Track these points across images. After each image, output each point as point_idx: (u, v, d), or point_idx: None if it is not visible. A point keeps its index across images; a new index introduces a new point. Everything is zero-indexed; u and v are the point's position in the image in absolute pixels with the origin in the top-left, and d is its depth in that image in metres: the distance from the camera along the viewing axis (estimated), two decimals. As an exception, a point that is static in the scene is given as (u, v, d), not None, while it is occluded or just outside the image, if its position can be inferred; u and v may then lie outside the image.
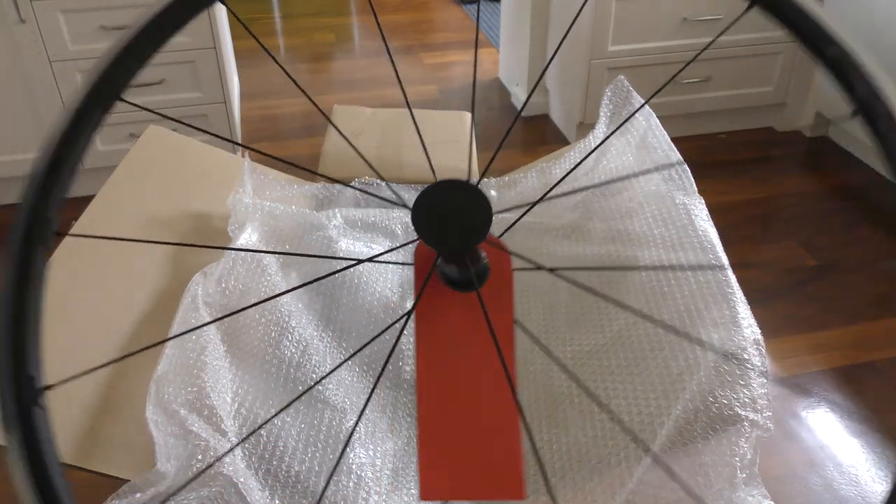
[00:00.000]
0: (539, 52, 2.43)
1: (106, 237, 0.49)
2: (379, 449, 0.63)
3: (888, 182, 2.11)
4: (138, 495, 0.54)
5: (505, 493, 0.40)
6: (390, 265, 0.84)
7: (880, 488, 1.27)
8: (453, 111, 1.15)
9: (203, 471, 0.53)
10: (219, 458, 0.55)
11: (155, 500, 0.54)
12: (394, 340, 0.74)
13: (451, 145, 1.07)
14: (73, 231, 0.81)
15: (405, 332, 0.75)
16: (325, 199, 0.96)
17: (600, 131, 0.92)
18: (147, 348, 0.42)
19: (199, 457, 0.55)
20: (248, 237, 0.79)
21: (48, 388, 0.35)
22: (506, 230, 0.50)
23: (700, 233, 0.72)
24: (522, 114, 2.49)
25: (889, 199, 2.06)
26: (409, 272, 0.84)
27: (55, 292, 0.73)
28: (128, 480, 0.56)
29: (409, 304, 0.78)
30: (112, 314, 0.73)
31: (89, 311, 0.73)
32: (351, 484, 0.58)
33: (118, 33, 1.86)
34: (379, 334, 0.56)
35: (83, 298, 0.74)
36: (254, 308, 0.71)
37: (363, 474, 0.60)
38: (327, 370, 0.67)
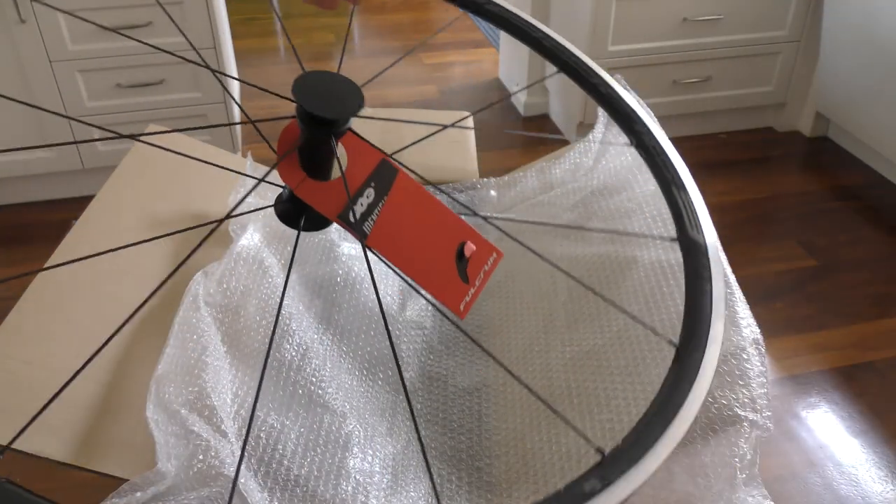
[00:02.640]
0: (539, 52, 2.43)
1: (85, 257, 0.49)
2: (378, 453, 0.64)
3: (888, 182, 2.11)
4: (139, 494, 0.54)
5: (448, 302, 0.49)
6: (391, 269, 0.84)
7: (880, 488, 1.27)
8: (453, 111, 1.15)
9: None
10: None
11: (155, 500, 0.54)
12: (392, 345, 0.75)
13: (452, 145, 1.07)
14: (74, 227, 0.81)
15: (404, 338, 0.75)
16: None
17: (599, 131, 0.93)
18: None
19: (201, 457, 0.55)
20: (250, 237, 0.79)
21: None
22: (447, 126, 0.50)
23: (700, 233, 0.72)
24: (522, 114, 2.49)
25: (889, 199, 2.06)
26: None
27: (55, 292, 0.74)
28: (128, 480, 0.56)
29: (408, 314, 0.78)
30: (112, 314, 0.73)
31: (89, 311, 0.73)
32: (350, 488, 0.59)
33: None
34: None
35: (83, 298, 0.74)
36: (255, 310, 0.71)
37: (361, 478, 0.60)
38: (327, 373, 0.67)
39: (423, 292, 0.49)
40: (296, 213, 0.47)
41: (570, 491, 0.34)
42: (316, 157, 0.46)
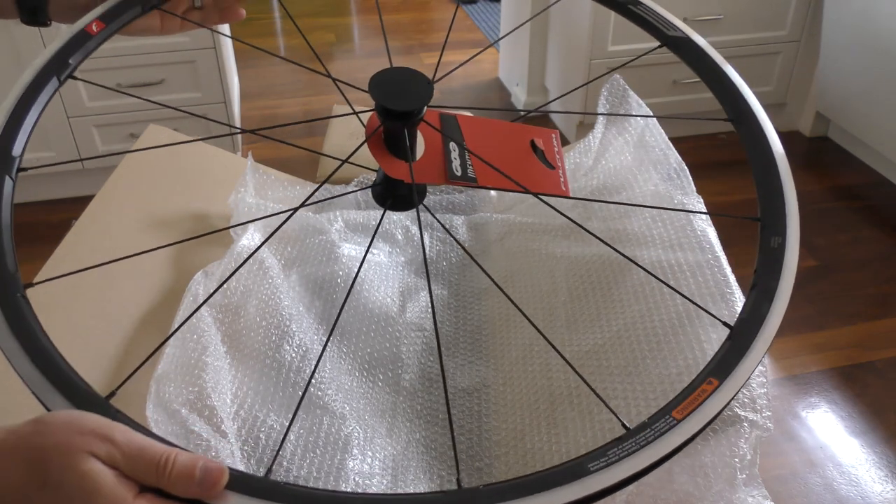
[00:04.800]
0: (539, 52, 2.43)
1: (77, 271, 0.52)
2: (378, 454, 0.64)
3: (888, 182, 2.11)
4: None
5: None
6: (391, 271, 0.84)
7: (880, 488, 1.27)
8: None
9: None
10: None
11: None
12: (391, 345, 0.75)
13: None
14: (72, 231, 0.81)
15: (405, 340, 0.75)
16: (326, 201, 0.96)
17: (599, 131, 0.93)
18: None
19: (200, 457, 0.55)
20: (250, 237, 0.79)
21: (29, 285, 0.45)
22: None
23: (699, 233, 0.72)
24: (522, 114, 2.49)
25: (889, 199, 2.06)
26: (410, 279, 0.84)
27: (54, 291, 0.74)
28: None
29: (409, 316, 0.78)
30: (112, 313, 0.73)
31: (89, 310, 0.73)
32: (349, 490, 0.59)
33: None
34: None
35: (83, 298, 0.74)
36: (255, 310, 0.71)
37: (360, 480, 0.60)
38: (327, 374, 0.67)
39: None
40: (398, 196, 0.54)
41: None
42: (411, 143, 0.52)
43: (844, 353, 1.54)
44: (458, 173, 0.52)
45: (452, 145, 0.54)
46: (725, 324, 0.45)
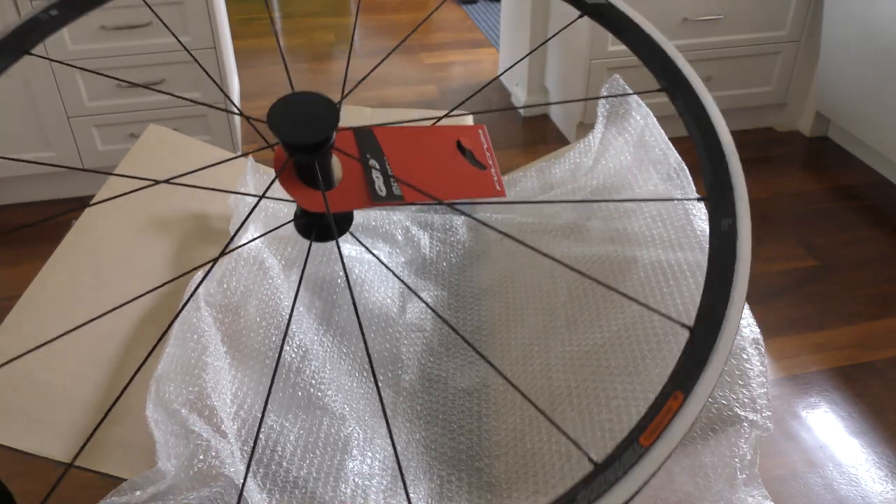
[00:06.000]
0: (539, 53, 2.43)
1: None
2: (377, 455, 0.64)
3: (888, 182, 2.11)
4: (138, 493, 0.54)
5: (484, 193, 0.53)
6: (391, 271, 0.84)
7: (880, 488, 1.27)
8: (454, 114, 1.15)
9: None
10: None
11: (155, 499, 0.54)
12: (391, 346, 0.75)
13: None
14: (72, 231, 0.81)
15: (405, 341, 0.75)
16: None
17: (598, 131, 0.93)
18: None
19: (201, 456, 0.55)
20: (250, 238, 0.79)
21: None
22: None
23: (699, 233, 0.72)
24: (522, 114, 2.49)
25: (889, 199, 2.06)
26: (410, 280, 0.84)
27: (55, 292, 0.74)
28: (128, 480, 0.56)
29: (409, 317, 0.78)
30: (112, 314, 0.73)
31: (89, 311, 0.73)
32: (349, 490, 0.59)
33: (118, 33, 1.86)
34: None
35: (83, 298, 0.74)
36: (255, 310, 0.71)
37: (360, 481, 0.60)
38: (326, 375, 0.67)
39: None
40: (322, 227, 0.51)
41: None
42: (323, 174, 0.48)
43: (844, 353, 1.54)
44: (383, 193, 0.49)
45: (372, 162, 0.50)
46: (685, 325, 0.41)
